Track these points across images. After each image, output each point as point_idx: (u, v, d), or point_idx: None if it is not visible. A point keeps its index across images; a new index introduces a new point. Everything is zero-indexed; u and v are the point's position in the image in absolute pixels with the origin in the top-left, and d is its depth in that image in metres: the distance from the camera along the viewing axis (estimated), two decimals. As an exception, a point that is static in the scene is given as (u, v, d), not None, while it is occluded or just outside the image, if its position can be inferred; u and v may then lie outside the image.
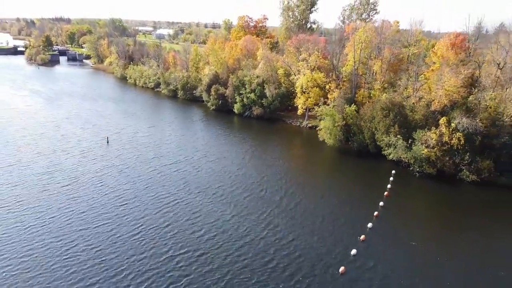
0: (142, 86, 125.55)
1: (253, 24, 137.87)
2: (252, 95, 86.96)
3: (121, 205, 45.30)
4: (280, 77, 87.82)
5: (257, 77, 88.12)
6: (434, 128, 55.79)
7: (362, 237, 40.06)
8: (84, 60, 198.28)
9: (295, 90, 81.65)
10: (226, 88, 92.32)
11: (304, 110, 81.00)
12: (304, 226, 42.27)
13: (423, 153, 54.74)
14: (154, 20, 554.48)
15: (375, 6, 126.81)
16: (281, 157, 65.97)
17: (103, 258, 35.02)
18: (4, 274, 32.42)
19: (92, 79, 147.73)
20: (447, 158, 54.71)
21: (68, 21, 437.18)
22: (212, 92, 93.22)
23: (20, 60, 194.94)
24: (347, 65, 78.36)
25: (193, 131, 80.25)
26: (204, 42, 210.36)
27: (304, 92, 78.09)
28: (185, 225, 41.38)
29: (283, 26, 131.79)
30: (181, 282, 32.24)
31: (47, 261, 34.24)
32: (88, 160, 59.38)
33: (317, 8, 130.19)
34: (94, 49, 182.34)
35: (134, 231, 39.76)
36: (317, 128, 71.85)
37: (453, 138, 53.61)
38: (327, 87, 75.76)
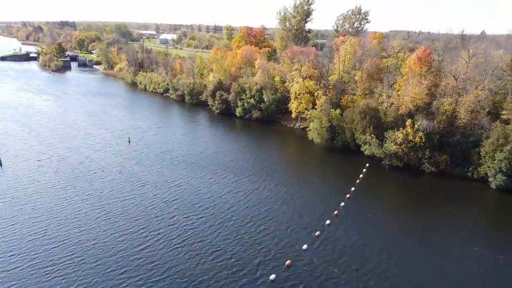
0: (152, 91, 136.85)
1: (253, 34, 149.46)
2: (252, 100, 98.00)
3: (140, 186, 57.16)
4: (276, 83, 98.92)
5: (256, 84, 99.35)
6: (402, 128, 66.86)
7: (336, 212, 51.06)
8: (94, 66, 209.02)
9: (290, 96, 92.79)
10: (229, 94, 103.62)
11: (297, 113, 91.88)
12: (284, 203, 53.60)
13: (392, 149, 65.75)
14: (156, 23, 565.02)
15: (366, 16, 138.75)
16: (274, 153, 77.08)
17: (129, 220, 47.02)
18: (61, 231, 43.96)
19: (105, 84, 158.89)
20: (412, 153, 65.91)
21: (73, 25, 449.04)
22: (217, 97, 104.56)
23: (33, 66, 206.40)
24: (334, 73, 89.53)
25: (198, 131, 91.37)
26: (207, 47, 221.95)
27: (297, 98, 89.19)
28: (187, 200, 53.58)
29: (279, 35, 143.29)
30: (187, 234, 44.77)
31: (89, 223, 46.09)
32: (111, 154, 70.81)
33: (312, 19, 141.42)
34: (104, 56, 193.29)
35: (151, 203, 51.98)
36: (307, 129, 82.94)
37: (416, 137, 64.69)
38: (316, 93, 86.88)
